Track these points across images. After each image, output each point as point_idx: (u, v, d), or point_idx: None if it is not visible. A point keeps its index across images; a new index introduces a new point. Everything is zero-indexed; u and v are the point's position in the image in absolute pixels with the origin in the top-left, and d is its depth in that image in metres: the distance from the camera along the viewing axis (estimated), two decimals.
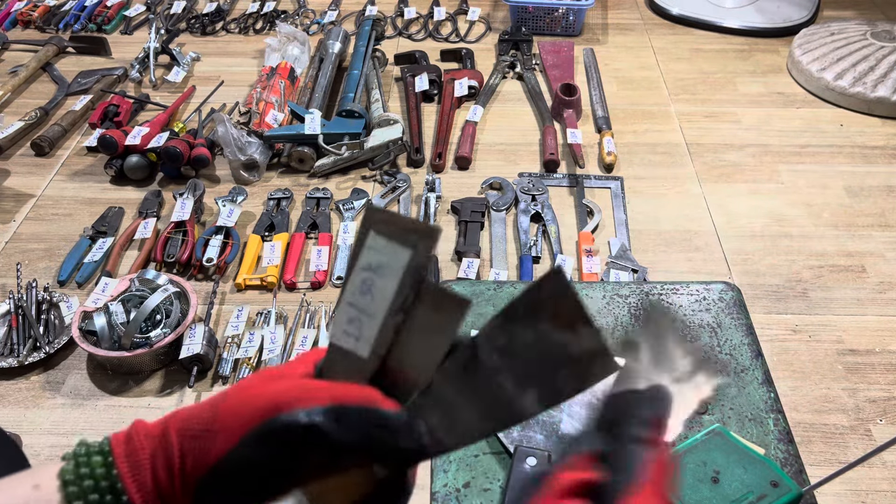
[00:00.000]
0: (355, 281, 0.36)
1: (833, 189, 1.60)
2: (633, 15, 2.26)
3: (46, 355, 1.25)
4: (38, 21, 2.21)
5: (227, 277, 1.41)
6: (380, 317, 0.35)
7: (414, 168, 1.67)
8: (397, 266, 0.35)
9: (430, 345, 0.35)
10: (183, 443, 0.36)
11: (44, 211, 1.57)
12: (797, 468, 0.68)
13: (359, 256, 0.36)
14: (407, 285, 0.35)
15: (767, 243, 1.47)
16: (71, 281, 1.41)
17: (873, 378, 1.21)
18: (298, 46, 2.00)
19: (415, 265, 0.35)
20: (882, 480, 1.07)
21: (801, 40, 1.99)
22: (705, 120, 1.81)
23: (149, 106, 1.86)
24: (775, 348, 1.26)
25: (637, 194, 1.58)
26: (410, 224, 0.35)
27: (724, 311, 0.83)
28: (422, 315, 0.35)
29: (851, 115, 1.82)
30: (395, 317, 0.35)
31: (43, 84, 1.98)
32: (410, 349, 0.36)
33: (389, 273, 0.35)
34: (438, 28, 2.19)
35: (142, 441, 0.36)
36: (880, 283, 1.38)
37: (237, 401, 0.36)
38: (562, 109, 1.78)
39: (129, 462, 0.36)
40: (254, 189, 1.61)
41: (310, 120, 1.65)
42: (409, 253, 0.34)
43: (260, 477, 0.35)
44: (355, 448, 0.34)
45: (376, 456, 0.35)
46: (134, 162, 1.61)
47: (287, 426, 0.34)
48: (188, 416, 0.37)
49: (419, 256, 0.35)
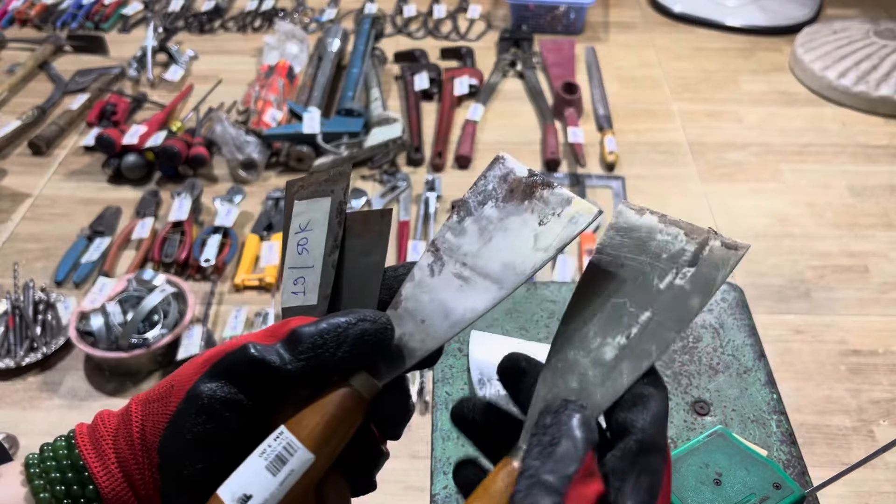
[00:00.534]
0: (291, 247, 0.37)
1: (836, 188, 1.59)
2: (635, 13, 2.25)
3: (43, 356, 1.24)
4: (35, 19, 2.20)
5: (225, 278, 1.40)
6: (318, 264, 0.36)
7: (413, 167, 1.66)
8: (322, 215, 0.37)
9: (371, 264, 0.37)
10: (142, 410, 0.36)
11: (41, 211, 1.57)
12: (800, 470, 0.67)
13: (289, 227, 0.38)
14: (334, 224, 0.37)
15: (770, 243, 1.46)
16: (68, 281, 1.40)
17: (876, 379, 1.20)
18: (297, 44, 1.99)
19: (336, 205, 0.37)
20: (885, 482, 1.06)
21: (803, 39, 1.98)
22: (707, 119, 1.80)
23: (146, 105, 1.85)
24: (778, 349, 1.25)
25: (639, 194, 1.58)
26: (323, 175, 0.37)
27: (726, 312, 0.83)
28: (353, 243, 0.37)
29: (854, 113, 1.81)
30: (332, 255, 0.36)
31: (40, 83, 1.97)
32: (354, 277, 0.37)
33: (317, 224, 0.37)
34: (438, 26, 2.18)
35: (104, 420, 0.36)
36: (883, 284, 1.37)
37: (193, 360, 0.36)
38: (563, 108, 1.77)
39: (90, 439, 0.36)
40: (252, 188, 1.60)
41: (308, 119, 1.64)
42: (329, 199, 0.37)
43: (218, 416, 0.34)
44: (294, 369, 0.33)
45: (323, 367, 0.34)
46: (131, 161, 1.60)
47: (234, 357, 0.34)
48: (149, 391, 0.37)
49: (338, 196, 0.37)
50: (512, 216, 0.35)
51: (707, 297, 0.33)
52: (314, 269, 0.36)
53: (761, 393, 0.74)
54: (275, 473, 0.31)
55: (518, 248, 0.35)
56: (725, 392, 0.74)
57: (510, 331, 0.82)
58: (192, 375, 0.35)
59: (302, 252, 0.37)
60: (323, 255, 0.36)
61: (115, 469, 0.35)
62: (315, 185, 0.38)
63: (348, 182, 0.37)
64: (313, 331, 0.33)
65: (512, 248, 0.35)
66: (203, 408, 0.34)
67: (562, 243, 0.34)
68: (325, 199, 0.37)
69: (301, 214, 0.38)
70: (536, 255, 0.34)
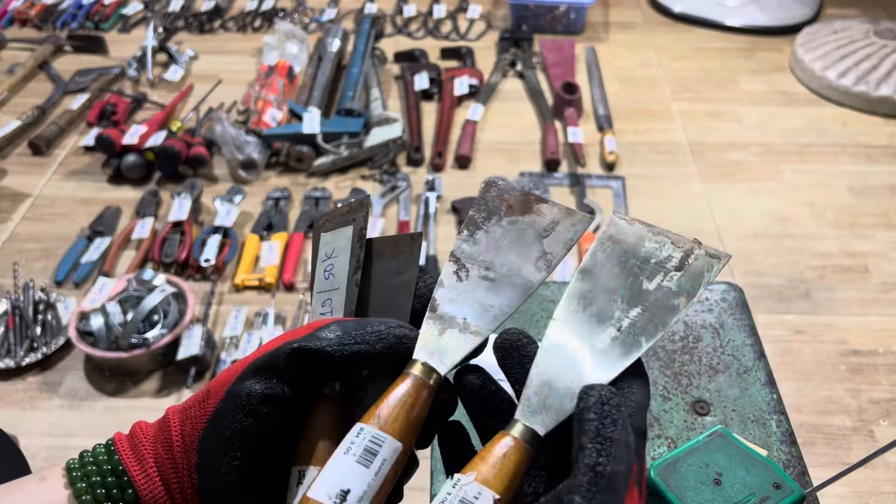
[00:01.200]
0: (319, 274, 0.41)
1: (836, 188, 1.59)
2: (635, 13, 2.25)
3: (43, 356, 1.24)
4: (35, 19, 2.20)
5: (225, 277, 1.40)
6: (343, 284, 0.40)
7: (413, 167, 1.66)
8: (345, 241, 0.40)
9: (402, 282, 0.40)
10: (180, 416, 0.37)
11: (41, 211, 1.57)
12: (800, 470, 0.67)
13: (317, 256, 0.41)
14: (357, 247, 0.40)
15: (770, 243, 1.46)
16: (68, 281, 1.40)
17: (876, 379, 1.20)
18: (297, 44, 1.99)
19: (357, 231, 0.40)
20: (885, 482, 1.06)
21: (803, 39, 1.98)
22: (707, 119, 1.80)
23: (146, 105, 1.85)
24: (778, 349, 1.25)
25: (639, 194, 1.57)
26: (345, 208, 0.41)
27: (726, 312, 0.83)
28: (386, 265, 0.41)
29: (854, 113, 1.81)
30: (355, 275, 0.39)
31: (40, 83, 1.97)
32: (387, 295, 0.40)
33: (342, 251, 0.40)
34: (438, 26, 2.18)
35: (142, 428, 0.38)
36: (883, 284, 1.37)
37: (228, 368, 0.38)
38: (563, 108, 1.77)
39: (129, 445, 0.37)
40: (252, 188, 1.60)
41: (308, 119, 1.64)
42: (351, 227, 0.40)
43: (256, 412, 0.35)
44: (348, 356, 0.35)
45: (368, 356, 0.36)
46: (131, 161, 1.60)
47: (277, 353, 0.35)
48: (186, 400, 0.38)
49: (359, 223, 0.40)
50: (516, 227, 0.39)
51: (691, 297, 0.36)
52: (340, 290, 0.39)
53: (761, 393, 0.74)
54: (367, 466, 0.33)
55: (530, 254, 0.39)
56: (725, 392, 0.74)
57: None
58: (228, 379, 0.36)
59: (329, 277, 0.40)
60: (347, 275, 0.39)
61: (153, 473, 0.37)
62: (338, 217, 0.41)
63: (368, 210, 0.41)
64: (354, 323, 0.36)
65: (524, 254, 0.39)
66: (241, 405, 0.35)
67: (566, 248, 0.39)
68: (347, 228, 0.40)
69: (327, 245, 0.41)
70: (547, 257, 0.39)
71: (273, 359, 0.35)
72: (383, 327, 0.36)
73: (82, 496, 0.36)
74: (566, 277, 1.35)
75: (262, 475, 0.37)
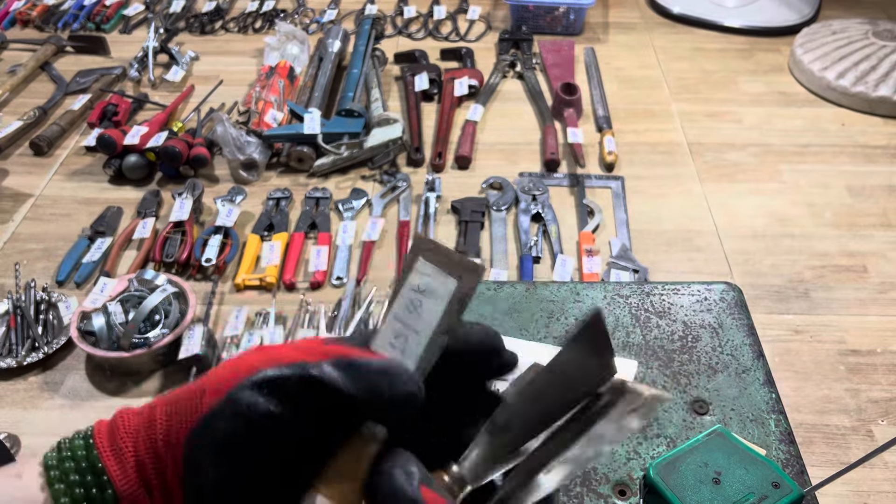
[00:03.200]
0: (403, 299, 0.38)
1: (835, 189, 1.60)
2: (634, 14, 2.26)
3: (45, 356, 1.24)
4: (36, 20, 2.20)
5: (226, 277, 1.41)
6: (426, 335, 0.37)
7: (414, 167, 1.66)
8: (444, 292, 0.38)
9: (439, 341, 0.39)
10: (167, 409, 0.35)
11: (42, 211, 1.57)
12: (799, 469, 0.68)
13: (407, 278, 0.38)
14: (453, 311, 0.37)
15: (769, 243, 1.46)
16: (69, 281, 1.40)
17: (875, 378, 1.21)
18: (298, 45, 2.00)
19: (460, 294, 0.37)
20: (884, 481, 1.07)
21: (802, 39, 1.98)
22: (706, 119, 1.81)
23: (147, 105, 1.86)
24: (777, 349, 1.25)
25: (638, 194, 1.58)
26: (457, 258, 0.38)
27: (725, 312, 0.83)
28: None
29: (853, 114, 1.81)
30: (440, 336, 0.37)
31: (41, 83, 1.97)
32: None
33: (436, 297, 0.38)
34: (438, 27, 2.19)
35: (124, 419, 0.36)
36: (882, 284, 1.37)
37: (230, 363, 0.36)
38: (562, 109, 1.77)
39: (109, 439, 0.36)
40: (253, 189, 1.60)
41: (309, 119, 1.65)
42: (455, 282, 0.38)
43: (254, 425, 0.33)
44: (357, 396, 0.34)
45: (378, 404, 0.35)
46: (132, 161, 1.60)
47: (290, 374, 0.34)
48: (176, 391, 0.37)
49: (464, 286, 0.37)
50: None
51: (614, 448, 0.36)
52: (419, 337, 0.37)
53: (760, 392, 0.74)
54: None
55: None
56: (724, 391, 0.74)
57: (510, 330, 0.82)
58: (228, 380, 0.35)
59: (412, 312, 0.38)
60: (433, 330, 0.37)
61: (132, 472, 0.35)
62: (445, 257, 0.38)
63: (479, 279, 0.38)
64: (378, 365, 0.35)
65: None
66: (240, 413, 0.34)
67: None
68: (451, 280, 0.38)
69: (422, 276, 0.38)
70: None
71: (284, 378, 0.34)
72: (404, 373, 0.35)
73: (60, 498, 0.34)
74: (566, 277, 1.35)
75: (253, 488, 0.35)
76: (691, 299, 0.84)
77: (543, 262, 1.42)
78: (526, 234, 1.46)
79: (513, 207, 1.54)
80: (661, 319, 0.82)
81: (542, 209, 1.51)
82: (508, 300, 0.85)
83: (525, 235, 1.46)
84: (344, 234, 1.47)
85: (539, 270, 1.40)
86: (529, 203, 1.53)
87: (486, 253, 1.43)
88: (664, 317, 0.82)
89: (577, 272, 1.38)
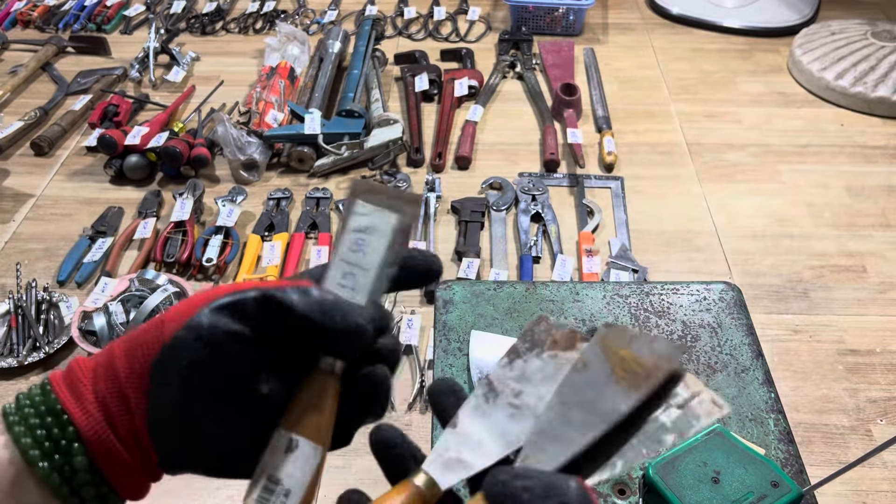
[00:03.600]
0: (346, 241, 0.40)
1: (834, 189, 1.60)
2: (634, 14, 2.26)
3: (46, 355, 1.25)
4: (37, 21, 2.21)
5: (226, 277, 1.41)
6: (373, 269, 0.39)
7: (414, 168, 1.67)
8: (386, 227, 0.39)
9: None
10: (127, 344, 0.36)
11: (43, 211, 1.57)
12: (797, 468, 0.68)
13: (348, 221, 0.40)
14: (397, 242, 0.39)
15: (768, 243, 1.47)
16: (70, 281, 1.41)
17: (874, 378, 1.21)
18: (298, 46, 2.00)
19: (402, 226, 0.39)
20: (882, 481, 1.07)
21: (801, 40, 1.99)
22: (706, 120, 1.81)
23: (148, 106, 1.86)
24: (776, 348, 1.26)
25: (637, 194, 1.58)
26: (394, 192, 0.40)
27: (724, 311, 0.83)
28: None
29: (852, 114, 1.82)
30: (388, 269, 0.39)
31: (42, 84, 1.98)
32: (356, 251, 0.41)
33: (379, 233, 0.39)
34: (438, 28, 2.19)
35: (80, 364, 0.37)
36: (881, 283, 1.38)
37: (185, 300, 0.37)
38: (562, 109, 1.78)
39: (66, 383, 0.36)
40: (253, 189, 1.61)
41: (309, 120, 1.65)
42: (397, 216, 0.39)
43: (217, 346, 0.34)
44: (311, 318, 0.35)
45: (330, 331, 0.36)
46: (133, 162, 1.61)
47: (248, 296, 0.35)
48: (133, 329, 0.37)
49: (406, 218, 0.39)
50: (555, 361, 0.40)
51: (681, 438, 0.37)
52: (368, 273, 0.39)
53: (759, 392, 0.74)
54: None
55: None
56: (724, 391, 0.74)
57: (510, 330, 0.83)
58: (187, 311, 0.35)
59: (357, 251, 0.39)
60: (379, 265, 0.39)
61: (93, 409, 0.35)
62: (384, 195, 0.40)
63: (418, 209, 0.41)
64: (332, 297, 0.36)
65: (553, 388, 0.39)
66: (202, 336, 0.34)
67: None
68: (391, 214, 0.39)
69: (364, 216, 0.40)
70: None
71: (242, 300, 0.35)
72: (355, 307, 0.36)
73: (21, 439, 0.34)
74: (565, 277, 1.36)
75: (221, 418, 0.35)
76: (690, 299, 0.85)
77: (543, 262, 1.42)
78: (526, 234, 1.46)
79: (512, 207, 1.54)
80: (661, 319, 0.82)
81: (542, 209, 1.52)
82: (508, 300, 0.85)
83: (525, 235, 1.46)
84: None
85: (539, 270, 1.41)
86: (529, 203, 1.53)
87: (485, 253, 1.44)
88: (663, 316, 0.83)
89: (577, 272, 1.39)
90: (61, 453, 0.35)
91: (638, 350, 0.38)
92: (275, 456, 0.36)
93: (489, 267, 1.41)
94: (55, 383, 0.36)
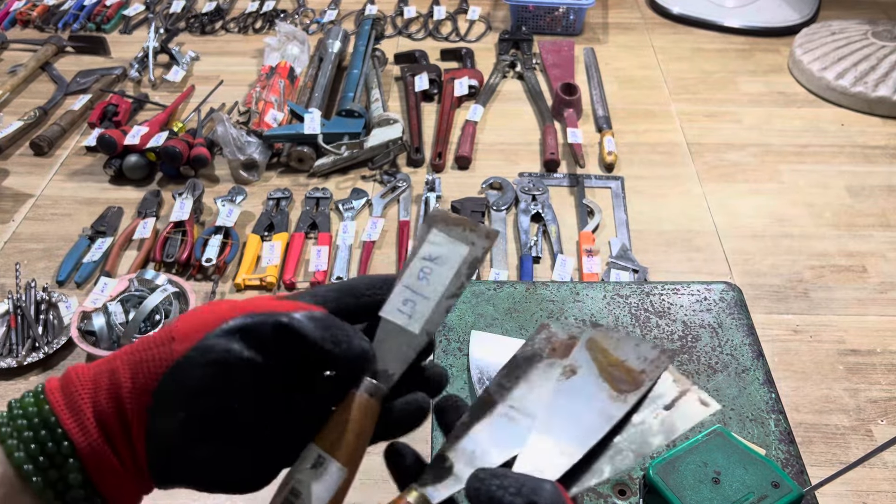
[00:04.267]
0: (413, 268, 0.39)
1: (834, 189, 1.60)
2: (634, 14, 2.26)
3: (45, 355, 1.24)
4: (36, 20, 2.21)
5: (226, 277, 1.41)
6: (434, 299, 0.39)
7: (414, 168, 1.66)
8: (455, 259, 0.39)
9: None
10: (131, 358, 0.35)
11: (42, 211, 1.57)
12: (798, 469, 0.68)
13: (419, 249, 0.40)
14: (463, 274, 0.39)
15: (768, 243, 1.47)
16: (70, 281, 1.40)
17: (874, 378, 1.21)
18: (298, 46, 2.00)
19: (472, 258, 0.39)
20: (883, 481, 1.07)
21: (801, 40, 1.99)
22: (706, 119, 1.81)
23: (148, 105, 1.86)
24: (776, 348, 1.25)
25: (638, 194, 1.58)
26: (470, 225, 0.40)
27: (724, 312, 0.83)
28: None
29: (852, 114, 1.82)
30: (449, 300, 0.39)
31: (42, 83, 1.98)
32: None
33: (447, 263, 0.39)
34: (438, 27, 2.19)
35: (78, 373, 0.35)
36: (881, 283, 1.38)
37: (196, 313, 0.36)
38: (562, 109, 1.77)
39: (63, 394, 0.35)
40: (253, 189, 1.60)
41: (309, 119, 1.65)
42: (467, 248, 0.39)
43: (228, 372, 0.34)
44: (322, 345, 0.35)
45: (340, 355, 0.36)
46: (133, 161, 1.60)
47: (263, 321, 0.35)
48: (136, 343, 0.36)
49: (476, 251, 0.39)
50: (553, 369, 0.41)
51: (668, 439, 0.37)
52: (428, 302, 0.39)
53: (760, 392, 0.74)
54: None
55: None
56: (724, 391, 0.74)
57: (510, 330, 0.82)
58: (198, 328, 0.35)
59: (422, 279, 0.39)
60: (442, 294, 0.39)
61: (91, 425, 0.34)
62: (458, 226, 0.40)
63: (492, 244, 0.40)
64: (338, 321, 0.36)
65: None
66: (214, 360, 0.34)
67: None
68: (462, 246, 0.39)
69: (435, 245, 0.40)
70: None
71: (256, 327, 0.34)
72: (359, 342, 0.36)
73: (14, 453, 0.33)
74: (565, 277, 1.36)
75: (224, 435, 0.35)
76: (691, 299, 0.84)
77: (543, 262, 1.42)
78: (526, 234, 1.46)
79: (512, 207, 1.54)
80: (661, 319, 0.82)
81: (542, 209, 1.51)
82: (508, 300, 0.85)
83: (525, 235, 1.46)
84: (344, 234, 1.48)
85: (539, 270, 1.40)
86: (529, 203, 1.53)
87: None
88: (664, 316, 0.82)
89: (577, 272, 1.39)
90: (56, 468, 0.34)
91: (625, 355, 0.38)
92: (302, 469, 0.36)
93: (489, 267, 1.41)
94: (51, 394, 0.35)
